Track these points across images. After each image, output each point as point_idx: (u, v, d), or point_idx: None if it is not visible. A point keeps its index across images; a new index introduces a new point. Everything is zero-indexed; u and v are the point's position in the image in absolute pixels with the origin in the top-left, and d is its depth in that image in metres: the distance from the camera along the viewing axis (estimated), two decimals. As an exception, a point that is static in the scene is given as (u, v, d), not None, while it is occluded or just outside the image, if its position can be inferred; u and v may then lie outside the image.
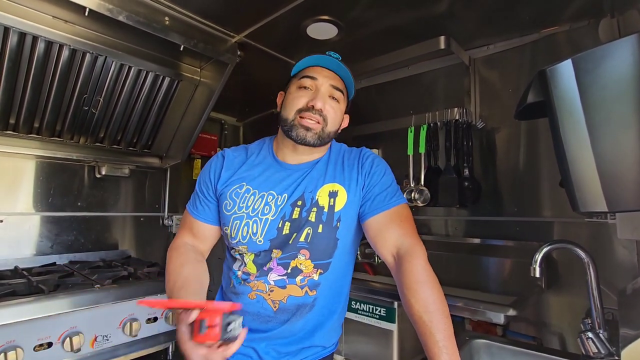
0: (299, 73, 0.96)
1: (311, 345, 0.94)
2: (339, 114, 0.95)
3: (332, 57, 0.93)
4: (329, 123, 0.92)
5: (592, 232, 1.27)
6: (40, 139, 1.66)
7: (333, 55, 0.94)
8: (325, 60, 0.92)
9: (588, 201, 0.74)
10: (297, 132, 0.90)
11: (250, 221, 0.91)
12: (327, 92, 0.92)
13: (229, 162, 0.99)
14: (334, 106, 0.93)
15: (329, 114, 0.92)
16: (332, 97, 0.93)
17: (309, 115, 0.89)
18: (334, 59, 0.93)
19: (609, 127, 0.70)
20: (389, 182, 0.94)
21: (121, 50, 1.50)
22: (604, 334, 0.95)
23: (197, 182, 1.03)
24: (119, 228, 2.03)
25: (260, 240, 0.90)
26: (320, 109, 0.90)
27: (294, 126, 0.91)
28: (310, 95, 0.91)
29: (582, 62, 0.72)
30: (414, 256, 0.83)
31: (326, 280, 0.92)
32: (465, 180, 1.52)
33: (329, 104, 0.92)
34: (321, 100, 0.90)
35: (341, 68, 0.93)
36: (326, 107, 0.91)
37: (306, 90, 0.92)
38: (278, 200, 0.92)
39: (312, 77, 0.92)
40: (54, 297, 1.18)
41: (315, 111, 0.89)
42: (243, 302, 0.93)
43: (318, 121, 0.90)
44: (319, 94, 0.91)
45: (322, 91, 0.91)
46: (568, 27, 1.38)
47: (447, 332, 0.73)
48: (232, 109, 2.56)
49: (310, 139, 0.91)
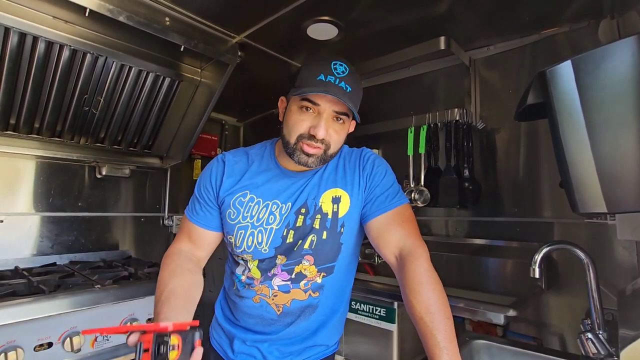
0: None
1: (314, 344, 0.95)
2: (342, 135, 0.89)
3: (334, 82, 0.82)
4: (331, 147, 0.87)
5: (592, 233, 1.27)
6: (41, 139, 1.66)
7: (337, 73, 0.84)
8: (330, 87, 0.82)
9: (588, 202, 0.74)
10: (298, 157, 0.86)
11: (255, 231, 0.90)
12: (330, 116, 0.85)
13: (230, 169, 0.96)
14: (338, 129, 0.87)
15: (332, 138, 0.86)
16: (335, 118, 0.86)
17: (311, 143, 0.84)
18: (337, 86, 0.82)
19: (609, 128, 0.70)
20: (390, 182, 0.94)
21: (122, 50, 1.51)
22: (603, 334, 0.95)
23: (196, 187, 0.99)
24: (119, 228, 2.03)
25: (265, 250, 0.90)
26: (323, 138, 0.84)
27: (295, 150, 0.86)
28: (311, 120, 0.84)
29: (582, 63, 0.72)
30: (415, 257, 0.82)
31: (329, 282, 0.93)
32: (466, 180, 1.52)
33: (332, 128, 0.86)
34: (323, 128, 0.83)
35: (346, 93, 0.83)
36: (329, 132, 0.85)
37: (307, 113, 0.85)
38: (282, 209, 0.91)
39: (314, 103, 0.84)
40: (54, 297, 1.18)
41: (317, 140, 0.84)
42: (247, 306, 0.93)
43: (319, 147, 0.86)
44: (321, 121, 0.83)
45: (324, 117, 0.84)
46: (568, 28, 1.38)
47: (448, 334, 0.73)
48: (232, 110, 2.56)
49: (312, 164, 0.87)
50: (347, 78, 0.84)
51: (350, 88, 0.84)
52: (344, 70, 0.85)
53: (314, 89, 0.81)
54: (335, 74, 0.83)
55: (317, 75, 0.83)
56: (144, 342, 0.64)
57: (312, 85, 0.82)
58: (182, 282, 0.86)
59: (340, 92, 0.82)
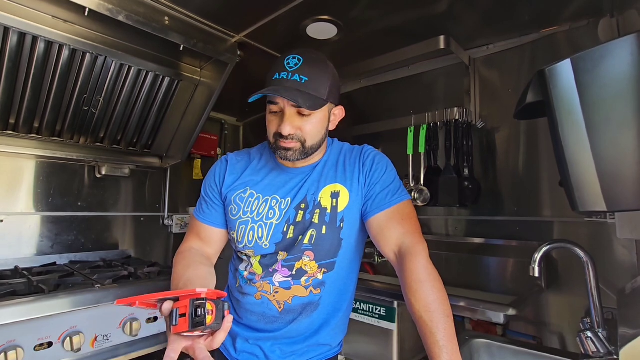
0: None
1: (317, 343, 0.94)
2: (317, 124, 0.89)
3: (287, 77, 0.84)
4: (307, 138, 0.88)
5: (592, 232, 1.27)
6: (40, 139, 1.66)
7: (290, 67, 0.84)
8: (283, 83, 0.84)
9: (587, 201, 0.74)
10: (279, 154, 0.90)
11: (255, 226, 0.92)
12: (293, 113, 0.86)
13: (232, 167, 1.00)
14: (306, 121, 0.87)
15: (304, 130, 0.87)
16: (300, 114, 0.86)
17: (283, 140, 0.87)
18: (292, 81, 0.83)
19: (608, 127, 0.70)
20: (390, 179, 0.94)
21: (121, 50, 1.50)
22: (603, 333, 0.95)
23: (202, 188, 1.04)
24: (119, 228, 2.03)
25: (266, 244, 0.91)
26: (290, 134, 0.86)
27: (276, 149, 0.90)
28: (278, 120, 0.88)
29: (581, 61, 0.72)
30: (414, 255, 0.82)
31: (330, 279, 0.93)
32: (465, 180, 1.52)
33: (299, 122, 0.87)
34: (287, 125, 0.85)
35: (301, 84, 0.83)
36: (296, 125, 0.86)
37: (275, 115, 0.89)
38: (282, 204, 0.93)
39: (274, 102, 0.87)
40: (54, 297, 1.18)
41: (285, 137, 0.87)
42: (249, 303, 0.93)
43: (292, 142, 0.88)
44: (285, 118, 0.86)
45: (287, 115, 0.86)
46: (568, 27, 1.38)
47: (448, 332, 0.73)
48: (232, 109, 2.56)
49: (292, 157, 0.89)
50: (300, 69, 0.84)
51: (307, 77, 0.84)
52: (297, 62, 0.85)
53: (262, 91, 0.84)
54: (287, 69, 0.85)
55: (272, 75, 0.86)
56: (180, 308, 0.64)
57: (268, 86, 0.86)
58: (197, 272, 0.89)
59: (294, 86, 0.83)
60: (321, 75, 0.87)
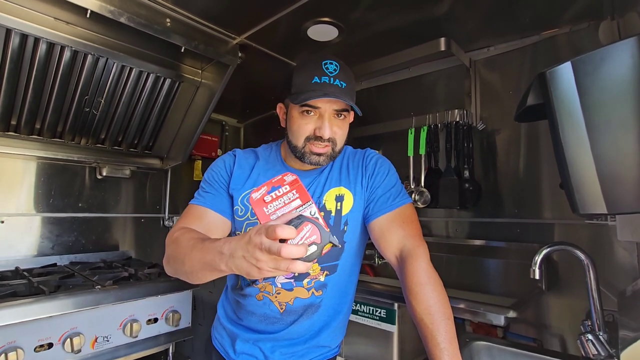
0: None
1: (317, 345, 0.95)
2: (345, 129, 0.91)
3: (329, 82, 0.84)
4: (337, 143, 0.90)
5: (592, 234, 1.27)
6: (42, 140, 1.66)
7: (330, 72, 0.85)
8: (326, 88, 0.84)
9: (588, 203, 0.74)
10: (309, 159, 0.89)
11: None
12: (332, 115, 0.87)
13: (240, 161, 0.98)
14: (341, 125, 0.89)
15: (337, 134, 0.89)
16: (336, 115, 0.88)
17: (318, 143, 0.87)
18: (332, 85, 0.84)
19: (609, 129, 0.70)
20: (392, 182, 0.94)
21: (122, 51, 1.51)
22: (603, 335, 0.95)
23: (206, 178, 0.98)
24: (119, 229, 2.04)
25: None
26: (329, 137, 0.87)
27: (305, 153, 0.89)
28: (315, 122, 0.87)
29: (582, 64, 0.72)
30: (415, 258, 0.83)
31: (332, 281, 0.93)
32: (466, 181, 1.52)
33: (336, 125, 0.88)
34: (328, 128, 0.86)
35: (342, 89, 0.85)
36: (334, 129, 0.87)
37: (309, 117, 0.87)
38: None
39: (315, 107, 0.86)
40: (54, 298, 1.18)
41: (324, 140, 0.86)
42: (250, 304, 0.93)
43: (327, 146, 0.88)
44: (324, 121, 0.86)
45: (326, 117, 0.86)
46: (568, 29, 1.38)
47: (449, 335, 0.73)
48: (233, 110, 2.56)
49: (324, 162, 0.90)
50: (339, 75, 0.86)
51: (345, 84, 0.86)
52: (335, 67, 0.86)
53: (313, 95, 0.83)
54: (328, 74, 0.85)
55: (311, 79, 0.85)
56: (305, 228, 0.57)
57: (308, 90, 0.84)
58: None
59: (337, 91, 0.84)
60: (352, 81, 0.89)
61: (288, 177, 0.65)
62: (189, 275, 0.77)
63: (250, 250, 0.57)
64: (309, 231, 0.57)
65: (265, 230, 0.56)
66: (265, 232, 0.55)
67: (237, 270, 0.62)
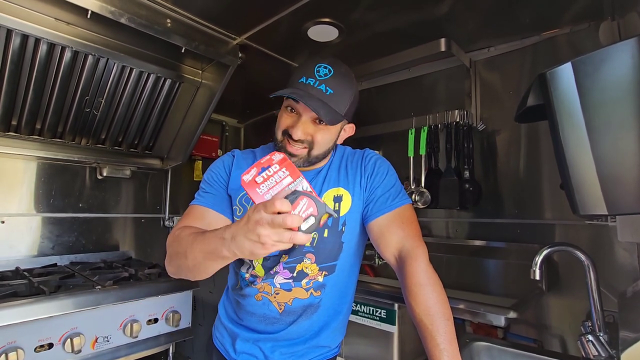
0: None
1: (317, 345, 0.95)
2: (327, 136, 0.88)
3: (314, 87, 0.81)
4: (315, 147, 0.87)
5: (593, 235, 1.27)
6: (42, 141, 1.66)
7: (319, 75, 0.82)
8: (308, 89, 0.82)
9: (588, 204, 0.74)
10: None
11: None
12: (310, 119, 0.85)
13: (239, 162, 0.98)
14: (320, 130, 0.86)
15: (315, 139, 0.86)
16: (315, 122, 0.85)
17: (293, 143, 0.85)
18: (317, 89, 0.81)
19: (609, 130, 0.70)
20: (391, 183, 0.94)
21: (123, 52, 1.51)
22: (604, 336, 0.95)
23: (205, 179, 0.98)
24: (119, 229, 2.04)
25: None
26: (300, 139, 0.84)
27: (281, 149, 0.87)
28: (292, 120, 0.86)
29: (582, 65, 0.72)
30: (414, 258, 0.83)
31: (331, 281, 0.93)
32: (466, 182, 1.52)
33: (313, 129, 0.85)
34: (299, 130, 0.84)
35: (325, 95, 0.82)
36: (308, 132, 0.85)
37: (289, 114, 0.87)
38: None
39: (293, 105, 0.85)
40: (54, 298, 1.18)
41: (295, 140, 0.85)
42: (249, 304, 0.93)
43: (299, 148, 0.86)
44: (300, 122, 0.84)
45: (303, 119, 0.84)
46: (568, 30, 1.38)
47: (448, 335, 0.73)
48: (233, 111, 2.57)
49: (296, 164, 0.86)
50: (329, 80, 0.83)
51: (332, 90, 0.82)
52: (328, 72, 0.83)
53: (285, 91, 0.82)
54: (316, 77, 0.83)
55: (300, 78, 0.84)
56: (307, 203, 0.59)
57: (293, 87, 0.84)
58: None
59: (318, 95, 0.81)
60: (345, 91, 0.86)
61: (276, 156, 0.65)
62: (192, 270, 0.77)
63: (250, 227, 0.58)
64: (305, 204, 0.58)
65: (263, 206, 0.57)
66: (264, 208, 0.56)
67: (240, 253, 0.62)
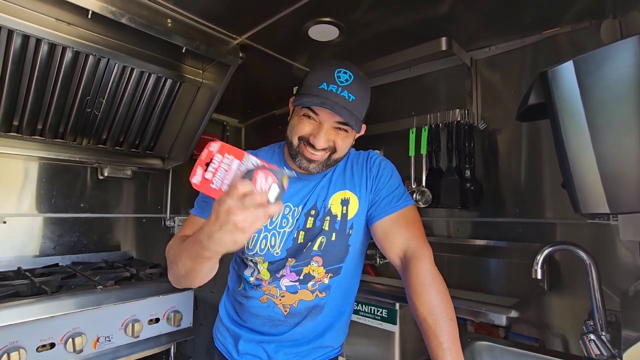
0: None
1: (321, 345, 0.95)
2: (348, 140, 0.87)
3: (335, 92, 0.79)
4: (337, 152, 0.86)
5: (595, 234, 1.26)
6: (43, 141, 1.66)
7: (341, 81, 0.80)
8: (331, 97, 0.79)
9: (590, 203, 0.74)
10: (300, 162, 0.86)
11: (268, 234, 0.90)
12: (332, 126, 0.83)
13: None
14: (342, 137, 0.84)
15: (337, 144, 0.84)
16: (337, 128, 0.83)
17: (312, 150, 0.83)
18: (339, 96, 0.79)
19: (611, 129, 0.70)
20: (395, 184, 0.94)
21: (124, 52, 1.51)
22: (606, 335, 0.95)
23: None
24: (121, 229, 2.04)
25: (277, 252, 0.90)
26: (323, 147, 0.83)
27: (298, 154, 0.86)
28: (312, 128, 0.83)
29: (584, 63, 0.72)
30: (419, 259, 0.83)
31: (336, 282, 0.93)
32: (467, 181, 1.52)
33: (335, 136, 0.84)
34: (324, 138, 0.82)
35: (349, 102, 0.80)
36: (331, 139, 0.83)
37: (310, 121, 0.83)
38: (295, 213, 0.91)
39: (315, 112, 0.82)
40: (56, 298, 1.19)
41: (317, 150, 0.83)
42: (254, 306, 0.93)
43: (321, 155, 0.84)
44: (321, 131, 0.82)
45: (324, 128, 0.82)
46: (570, 29, 1.37)
47: (452, 335, 0.74)
48: (234, 111, 2.57)
49: (314, 170, 0.86)
50: (351, 86, 0.81)
51: (354, 96, 0.81)
52: (348, 78, 0.81)
53: (313, 101, 0.79)
54: (337, 83, 0.80)
55: (319, 84, 0.81)
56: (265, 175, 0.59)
57: (313, 94, 0.80)
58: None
59: (342, 102, 0.79)
60: (364, 96, 0.85)
61: (213, 146, 0.64)
62: (186, 277, 0.76)
63: (223, 220, 0.57)
64: (263, 177, 0.59)
65: (227, 195, 0.57)
66: (229, 196, 0.57)
67: (222, 248, 0.61)
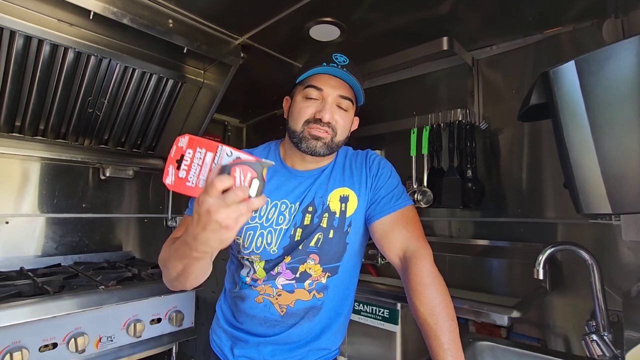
0: (304, 81, 0.90)
1: (318, 348, 0.94)
2: (347, 122, 0.91)
3: (337, 68, 0.86)
4: (338, 133, 0.89)
5: (597, 234, 1.26)
6: (46, 141, 1.67)
7: (339, 61, 0.88)
8: (332, 70, 0.87)
9: (592, 203, 0.74)
10: (306, 143, 0.87)
11: (264, 232, 0.90)
12: (335, 102, 0.88)
13: None
14: (343, 115, 0.89)
15: (338, 124, 0.88)
16: (339, 106, 0.88)
17: (317, 126, 0.86)
18: (340, 70, 0.86)
19: (613, 129, 0.70)
20: (394, 184, 0.94)
21: (125, 52, 1.52)
22: (608, 336, 0.94)
23: None
24: (123, 229, 2.04)
25: (274, 250, 0.90)
26: (329, 121, 0.86)
27: (303, 138, 0.87)
28: (317, 106, 0.87)
29: (586, 63, 0.72)
30: (419, 259, 0.83)
31: (334, 283, 0.92)
32: (469, 181, 1.52)
33: (338, 114, 0.88)
34: (329, 112, 0.86)
35: (348, 77, 0.87)
36: (334, 117, 0.87)
37: (313, 101, 0.87)
38: (292, 209, 0.91)
39: (318, 88, 0.87)
40: (58, 298, 1.19)
41: (324, 124, 0.86)
42: (250, 307, 0.92)
43: (327, 131, 0.87)
44: (326, 105, 0.86)
45: (329, 102, 0.87)
46: (572, 28, 1.37)
47: (452, 335, 0.73)
48: (235, 111, 2.57)
49: (320, 149, 0.88)
50: (348, 66, 0.88)
51: (352, 76, 0.87)
52: (345, 60, 0.89)
53: (319, 69, 0.86)
54: (336, 62, 0.87)
55: (319, 64, 0.87)
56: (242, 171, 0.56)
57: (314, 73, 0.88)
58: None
59: (342, 74, 0.87)
60: (360, 78, 0.90)
61: (181, 141, 0.60)
62: (179, 278, 0.76)
63: (206, 220, 0.56)
64: (242, 172, 0.56)
65: (206, 193, 0.55)
66: (208, 194, 0.55)
67: (209, 247, 0.60)
